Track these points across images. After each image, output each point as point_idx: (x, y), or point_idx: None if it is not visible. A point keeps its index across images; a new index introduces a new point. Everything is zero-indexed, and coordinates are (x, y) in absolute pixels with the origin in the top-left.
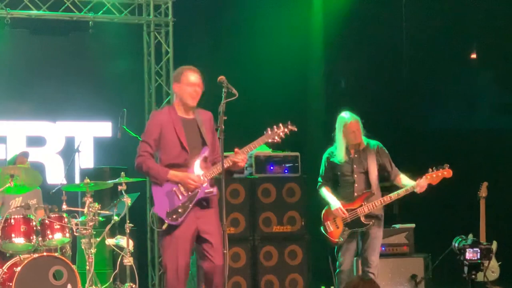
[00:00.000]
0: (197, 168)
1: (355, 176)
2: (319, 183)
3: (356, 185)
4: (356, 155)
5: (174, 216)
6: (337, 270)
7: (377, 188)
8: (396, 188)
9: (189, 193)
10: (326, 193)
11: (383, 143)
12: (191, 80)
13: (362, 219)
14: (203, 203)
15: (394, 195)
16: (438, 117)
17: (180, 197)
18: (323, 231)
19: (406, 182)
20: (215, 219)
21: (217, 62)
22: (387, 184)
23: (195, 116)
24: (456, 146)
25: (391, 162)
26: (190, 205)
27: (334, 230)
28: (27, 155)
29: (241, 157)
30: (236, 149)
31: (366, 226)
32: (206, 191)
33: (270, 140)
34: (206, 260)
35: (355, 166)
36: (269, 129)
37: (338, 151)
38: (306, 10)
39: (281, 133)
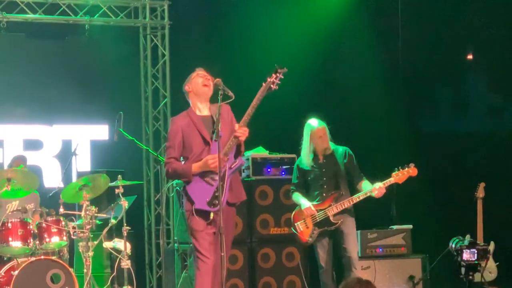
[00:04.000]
0: (214, 151)
1: (324, 179)
2: (291, 190)
3: (325, 186)
4: (324, 160)
5: (215, 202)
6: (320, 271)
7: (346, 189)
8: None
9: (217, 176)
10: (297, 196)
11: (374, 145)
12: (200, 73)
13: (331, 218)
14: (229, 196)
15: (356, 198)
16: (432, 119)
17: (213, 183)
18: (294, 231)
19: (366, 187)
20: (232, 219)
21: (214, 64)
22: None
23: (211, 112)
24: (452, 147)
25: (356, 168)
26: (226, 186)
27: (303, 230)
28: (24, 159)
29: (241, 130)
30: (235, 124)
31: (335, 225)
32: (231, 165)
33: (267, 91)
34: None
35: (324, 170)
36: (263, 83)
37: (305, 157)
38: (301, 12)
39: (275, 80)
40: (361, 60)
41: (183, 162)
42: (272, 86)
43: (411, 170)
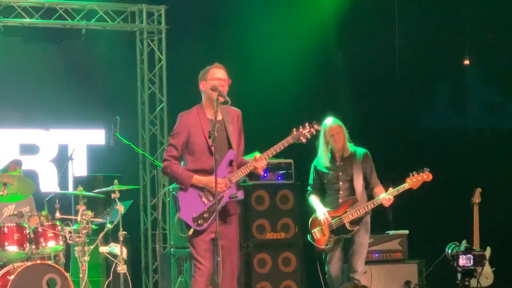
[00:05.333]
0: (222, 172)
1: (340, 183)
2: (308, 191)
3: (341, 192)
4: (341, 163)
5: (200, 222)
6: (326, 276)
7: (362, 195)
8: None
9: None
10: (314, 201)
11: (376, 144)
12: (216, 75)
13: (347, 225)
14: (227, 209)
15: (371, 204)
16: (429, 118)
17: (206, 201)
18: (310, 239)
19: (380, 194)
20: (234, 226)
21: None
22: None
23: (223, 116)
24: (449, 150)
25: (373, 172)
26: (216, 211)
27: (320, 238)
28: (20, 163)
29: (261, 164)
30: (256, 155)
31: (351, 232)
32: (230, 194)
33: (294, 141)
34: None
35: (340, 173)
36: (294, 129)
37: (322, 158)
38: (298, 14)
39: (307, 133)
40: (360, 61)
41: (182, 163)
42: (302, 137)
43: (426, 176)
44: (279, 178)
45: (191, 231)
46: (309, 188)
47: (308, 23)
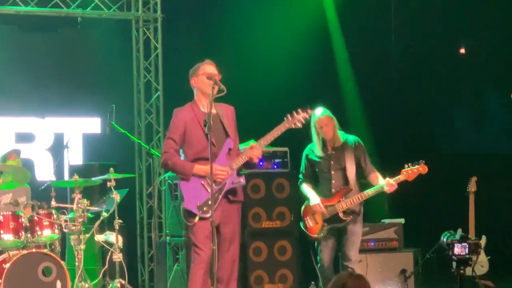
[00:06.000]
0: (222, 160)
1: (333, 172)
2: (300, 180)
3: (333, 181)
4: (333, 152)
5: (205, 209)
6: (318, 265)
7: (355, 184)
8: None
9: (217, 185)
10: (306, 189)
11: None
12: (208, 70)
13: (341, 215)
14: (230, 196)
15: (366, 193)
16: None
17: (209, 189)
18: (303, 227)
19: (378, 181)
20: (237, 214)
21: (207, 57)
22: (364, 181)
23: (217, 110)
24: (443, 141)
25: (366, 158)
26: (220, 196)
27: (313, 226)
28: (19, 152)
29: (256, 153)
30: (251, 143)
31: (345, 221)
32: (234, 181)
33: (289, 127)
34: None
35: (332, 162)
36: (288, 115)
37: (315, 148)
38: (296, 4)
39: (301, 118)
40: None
41: (182, 157)
42: (297, 123)
43: (421, 168)
44: (275, 166)
45: (197, 218)
46: (300, 176)
47: (305, 16)
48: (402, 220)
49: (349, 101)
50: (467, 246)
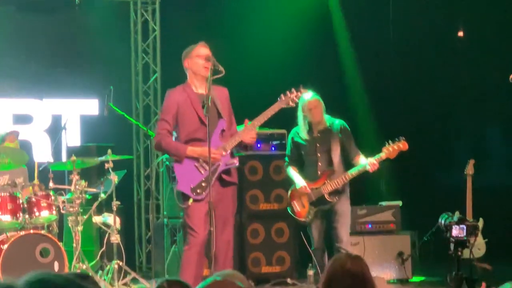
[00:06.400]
0: (215, 141)
1: (318, 155)
2: (286, 163)
3: (319, 164)
4: (319, 135)
5: (199, 191)
6: (312, 248)
7: (340, 166)
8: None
9: (210, 166)
10: (292, 172)
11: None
12: (201, 52)
13: (326, 196)
14: (224, 177)
15: (350, 174)
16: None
17: (202, 171)
18: (290, 212)
19: (361, 161)
20: (231, 196)
21: (205, 39)
22: (351, 163)
23: (211, 92)
24: (442, 127)
25: (351, 141)
26: (213, 178)
27: (300, 210)
28: (17, 134)
29: (250, 135)
30: (246, 121)
31: (331, 203)
32: (227, 162)
33: (283, 106)
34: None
35: (318, 145)
36: (282, 95)
37: (301, 131)
38: None
39: (294, 97)
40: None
41: (174, 138)
42: (290, 102)
43: (402, 145)
44: (273, 148)
45: (190, 201)
46: (286, 159)
47: (304, 4)
48: (399, 203)
49: (348, 81)
50: (465, 228)
